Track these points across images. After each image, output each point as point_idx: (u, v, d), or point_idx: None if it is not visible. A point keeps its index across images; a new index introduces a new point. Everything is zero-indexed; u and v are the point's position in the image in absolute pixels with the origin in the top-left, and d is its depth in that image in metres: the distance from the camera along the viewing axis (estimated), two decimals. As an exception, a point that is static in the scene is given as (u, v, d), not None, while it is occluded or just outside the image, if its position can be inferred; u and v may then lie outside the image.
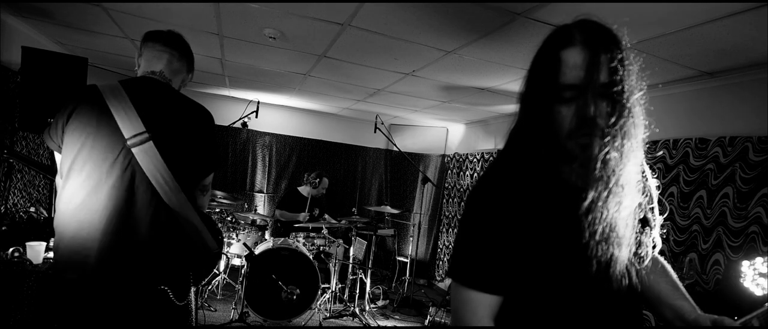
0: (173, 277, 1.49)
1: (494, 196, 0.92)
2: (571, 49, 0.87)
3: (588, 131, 0.84)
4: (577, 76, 0.85)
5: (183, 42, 1.65)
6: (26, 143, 3.80)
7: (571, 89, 0.86)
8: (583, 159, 0.86)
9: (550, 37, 0.93)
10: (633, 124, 0.87)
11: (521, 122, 0.96)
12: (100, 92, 1.43)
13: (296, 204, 4.88)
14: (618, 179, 0.86)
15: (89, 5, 2.90)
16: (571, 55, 0.86)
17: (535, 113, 0.91)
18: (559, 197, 0.89)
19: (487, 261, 0.90)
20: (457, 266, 0.94)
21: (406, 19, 2.55)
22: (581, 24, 0.91)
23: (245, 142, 6.24)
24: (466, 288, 0.90)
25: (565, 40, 0.88)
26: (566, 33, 0.90)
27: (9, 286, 2.38)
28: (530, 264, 0.88)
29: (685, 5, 2.00)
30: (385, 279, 5.72)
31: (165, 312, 1.48)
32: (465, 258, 0.93)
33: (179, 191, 1.45)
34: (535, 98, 0.91)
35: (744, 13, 1.99)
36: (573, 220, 0.87)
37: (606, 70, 0.85)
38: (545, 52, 0.92)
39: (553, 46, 0.90)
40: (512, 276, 0.89)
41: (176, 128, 1.48)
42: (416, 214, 6.53)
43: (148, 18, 3.01)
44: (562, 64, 0.87)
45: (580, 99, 0.85)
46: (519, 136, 0.97)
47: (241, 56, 3.83)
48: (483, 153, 5.49)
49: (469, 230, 0.93)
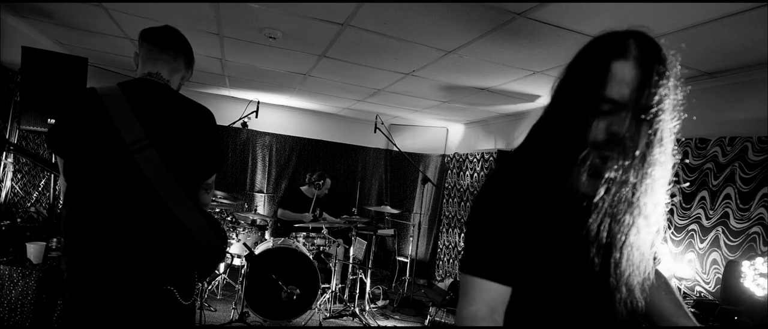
0: (179, 277, 1.49)
1: (504, 189, 0.91)
2: (624, 63, 0.82)
3: (614, 148, 0.82)
4: (621, 93, 0.81)
5: (178, 39, 1.61)
6: (26, 143, 3.80)
7: (611, 104, 0.82)
8: (600, 171, 0.84)
9: (602, 42, 0.87)
10: (662, 152, 0.85)
11: (548, 121, 0.93)
12: (99, 97, 1.42)
13: (300, 204, 4.88)
14: (635, 206, 0.84)
15: (89, 5, 2.90)
16: (621, 69, 0.82)
17: (566, 116, 0.87)
18: (569, 201, 0.87)
19: (490, 249, 0.89)
20: (464, 256, 0.93)
21: (406, 19, 2.55)
22: (639, 38, 0.84)
23: (245, 142, 6.25)
24: (469, 275, 0.90)
25: (619, 50, 0.83)
26: (621, 43, 0.84)
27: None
28: (534, 258, 0.88)
29: (685, 5, 2.00)
30: (385, 279, 5.72)
31: (172, 312, 1.48)
32: (471, 247, 0.92)
33: (182, 193, 1.45)
34: (571, 101, 0.87)
35: (744, 13, 1.99)
36: (580, 227, 0.86)
37: (651, 94, 0.81)
38: (594, 56, 0.86)
39: (604, 54, 0.85)
40: (516, 267, 0.88)
41: (177, 131, 1.48)
42: (416, 214, 6.53)
43: (148, 18, 3.01)
44: (609, 76, 0.82)
45: (616, 115, 0.82)
46: (543, 134, 0.94)
47: (241, 56, 3.83)
48: (483, 153, 5.49)
49: (476, 222, 0.93)
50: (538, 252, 0.87)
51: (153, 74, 1.55)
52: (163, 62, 1.56)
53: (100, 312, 1.42)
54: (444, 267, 6.06)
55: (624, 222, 0.86)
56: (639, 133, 0.83)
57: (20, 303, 2.41)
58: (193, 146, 1.50)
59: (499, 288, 0.88)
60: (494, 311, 0.87)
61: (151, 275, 1.43)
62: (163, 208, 1.42)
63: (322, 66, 3.83)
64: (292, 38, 3.15)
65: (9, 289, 2.40)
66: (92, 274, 1.40)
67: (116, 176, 1.41)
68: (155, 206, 1.42)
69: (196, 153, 1.51)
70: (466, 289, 0.89)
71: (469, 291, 0.89)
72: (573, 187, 0.87)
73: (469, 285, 0.89)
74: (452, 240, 5.92)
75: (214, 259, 1.59)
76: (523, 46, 2.76)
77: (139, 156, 1.39)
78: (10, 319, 2.39)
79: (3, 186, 3.23)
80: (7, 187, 3.30)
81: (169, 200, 1.42)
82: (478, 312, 0.86)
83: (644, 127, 0.83)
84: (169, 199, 1.42)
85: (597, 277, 0.87)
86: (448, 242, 6.02)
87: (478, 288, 0.88)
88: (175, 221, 1.44)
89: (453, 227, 5.95)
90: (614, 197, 0.84)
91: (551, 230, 0.86)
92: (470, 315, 0.87)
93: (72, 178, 1.44)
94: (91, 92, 1.45)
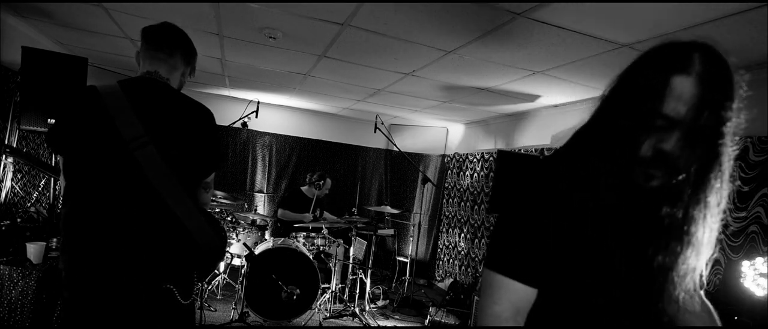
0: (178, 276, 1.49)
1: (542, 190, 0.88)
2: (685, 79, 0.76)
3: (660, 166, 0.78)
4: (677, 111, 0.76)
5: (174, 37, 1.60)
6: (26, 143, 3.80)
7: (664, 120, 0.77)
8: (644, 189, 0.80)
9: (663, 52, 0.81)
10: (718, 178, 0.80)
11: (595, 130, 0.88)
12: (99, 95, 1.43)
13: (300, 205, 4.87)
14: (682, 231, 0.81)
15: (89, 5, 2.90)
16: (681, 85, 0.76)
17: (615, 127, 0.83)
18: (608, 214, 0.84)
19: (521, 248, 0.87)
20: (489, 252, 0.91)
21: (405, 19, 2.55)
22: (705, 52, 0.78)
23: (245, 142, 6.25)
24: (493, 272, 0.88)
25: (682, 64, 0.77)
26: (685, 56, 0.78)
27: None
28: (565, 265, 0.85)
29: (685, 5, 2.00)
30: (385, 279, 5.72)
31: (171, 311, 1.48)
32: (499, 243, 0.90)
33: (182, 191, 1.45)
34: (622, 113, 0.82)
35: (744, 13, 1.99)
36: (618, 242, 0.83)
37: (712, 115, 0.76)
38: (653, 68, 0.80)
39: (665, 66, 0.79)
40: (545, 270, 0.86)
41: (176, 129, 1.48)
42: (416, 214, 6.53)
43: (148, 18, 3.01)
44: (667, 90, 0.77)
45: (667, 133, 0.77)
46: (588, 142, 0.89)
47: (241, 56, 3.83)
48: (483, 153, 5.49)
49: (509, 218, 0.90)
50: (571, 259, 0.85)
51: (152, 73, 1.55)
52: (160, 61, 1.56)
53: (99, 311, 1.42)
54: (444, 267, 6.06)
55: (669, 248, 0.82)
56: (692, 155, 0.78)
57: (20, 303, 2.41)
58: (192, 144, 1.50)
59: (526, 289, 0.86)
60: (518, 312, 0.86)
61: (151, 273, 1.43)
62: (162, 206, 1.42)
63: (322, 66, 3.83)
64: (292, 38, 3.15)
65: (9, 289, 2.40)
66: (91, 273, 1.40)
67: (116, 174, 1.41)
68: (155, 204, 1.42)
69: (196, 151, 1.51)
70: (492, 287, 0.88)
71: (495, 290, 0.87)
72: (613, 200, 0.83)
73: (495, 284, 0.87)
74: (452, 240, 5.92)
75: (214, 258, 1.59)
76: (523, 46, 2.76)
77: (138, 154, 1.39)
78: (10, 319, 2.39)
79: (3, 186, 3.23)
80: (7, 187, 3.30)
81: (169, 198, 1.42)
82: (503, 313, 0.85)
83: (699, 149, 0.77)
84: (169, 197, 1.42)
85: (631, 296, 0.84)
86: (448, 242, 6.02)
87: (505, 288, 0.86)
88: (175, 219, 1.44)
89: (453, 227, 5.95)
90: (660, 219, 0.80)
91: (587, 239, 0.84)
92: (495, 314, 0.86)
93: (72, 176, 1.44)
94: (91, 89, 1.46)
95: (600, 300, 0.84)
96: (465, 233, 5.62)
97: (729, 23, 2.11)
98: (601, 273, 0.83)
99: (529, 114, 4.79)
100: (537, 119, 4.67)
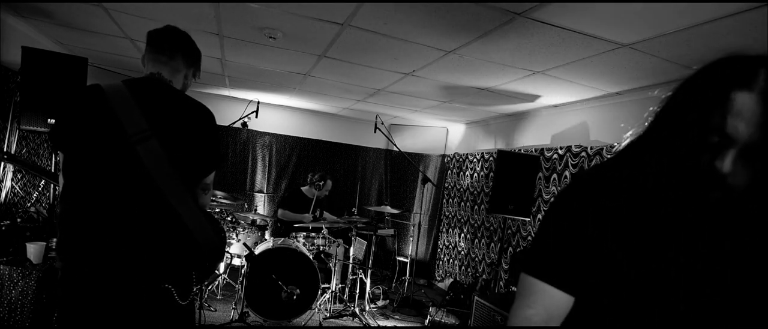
0: (177, 276, 1.49)
1: (591, 197, 0.86)
2: (748, 95, 0.71)
3: (714, 188, 0.75)
4: (736, 128, 0.72)
5: (175, 39, 1.62)
6: (26, 143, 3.80)
7: (722, 137, 0.73)
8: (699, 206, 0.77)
9: (726, 66, 0.77)
10: None
11: (650, 142, 0.84)
12: (103, 91, 1.44)
13: (300, 205, 4.87)
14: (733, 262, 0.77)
15: (89, 5, 2.90)
16: (742, 101, 0.71)
17: (669, 141, 0.79)
18: (655, 230, 0.81)
19: (562, 254, 0.85)
20: (531, 254, 0.89)
21: (405, 19, 2.55)
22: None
23: (245, 142, 6.25)
24: (532, 277, 0.86)
25: (745, 78, 0.73)
26: (749, 70, 0.73)
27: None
28: (606, 276, 0.83)
29: (685, 5, 2.00)
30: (385, 279, 5.72)
31: (169, 311, 1.48)
32: (541, 247, 0.89)
33: (183, 189, 1.45)
34: (678, 128, 0.78)
35: (744, 13, 1.99)
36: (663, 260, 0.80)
37: None
38: (714, 81, 0.76)
39: (726, 79, 0.74)
40: (584, 278, 0.84)
41: (178, 127, 1.48)
42: (416, 214, 6.53)
43: (148, 18, 3.01)
44: (727, 106, 0.72)
45: (724, 151, 0.73)
46: (641, 154, 0.85)
47: (241, 56, 3.83)
48: (483, 153, 5.49)
49: (553, 222, 0.89)
50: (612, 271, 0.82)
51: (155, 74, 1.58)
52: (162, 63, 1.59)
53: (95, 310, 1.41)
54: (444, 267, 6.06)
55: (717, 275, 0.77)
56: (747, 175, 0.74)
57: (20, 303, 2.41)
58: (193, 142, 1.51)
59: (563, 296, 0.85)
60: (551, 318, 0.85)
61: (150, 272, 1.43)
62: (163, 203, 1.42)
63: (322, 66, 3.83)
64: (292, 38, 3.15)
65: (9, 289, 2.40)
66: (88, 271, 1.39)
67: (117, 170, 1.41)
68: (156, 201, 1.42)
69: (197, 149, 1.52)
70: (527, 291, 0.86)
71: (530, 294, 0.86)
72: (661, 217, 0.80)
73: (531, 288, 0.86)
74: (452, 240, 5.92)
75: (214, 258, 1.59)
76: (523, 46, 2.76)
77: (140, 147, 1.39)
78: (10, 319, 2.39)
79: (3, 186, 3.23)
80: (7, 187, 3.31)
81: (171, 195, 1.42)
82: (534, 317, 0.84)
83: (757, 169, 0.73)
84: (171, 194, 1.42)
85: (675, 314, 0.81)
86: (448, 242, 6.02)
87: (541, 293, 0.85)
88: (176, 216, 1.44)
89: (453, 227, 5.95)
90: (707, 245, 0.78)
91: (630, 253, 0.81)
92: (525, 317, 0.84)
93: (72, 173, 1.44)
94: (95, 87, 1.47)
95: (639, 315, 0.82)
96: (465, 234, 5.62)
97: (729, 23, 2.11)
98: (642, 290, 0.81)
99: (529, 114, 4.79)
100: (537, 119, 4.68)
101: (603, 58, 2.77)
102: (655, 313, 0.81)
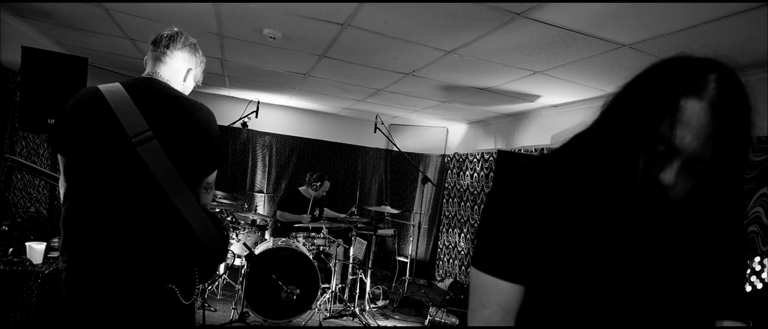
0: (181, 276, 1.49)
1: (528, 186, 0.86)
2: (696, 102, 0.69)
3: (654, 196, 0.74)
4: (683, 139, 0.69)
5: (174, 41, 1.63)
6: (26, 143, 3.80)
7: (666, 145, 0.71)
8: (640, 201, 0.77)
9: (675, 69, 0.74)
10: (720, 212, 0.77)
11: (591, 142, 0.84)
12: (102, 93, 1.44)
13: (298, 205, 4.87)
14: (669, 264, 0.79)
15: (89, 5, 2.90)
16: (692, 110, 0.69)
17: (612, 146, 0.78)
18: (595, 226, 0.81)
19: (505, 244, 0.85)
20: (475, 250, 0.89)
21: (405, 19, 2.55)
22: (722, 75, 0.71)
23: (245, 142, 6.25)
24: (481, 272, 0.86)
25: (694, 86, 0.70)
26: (699, 78, 0.71)
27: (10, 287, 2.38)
28: (553, 261, 0.83)
29: (685, 5, 2.00)
30: (385, 279, 5.72)
31: (173, 311, 1.48)
32: (482, 242, 0.88)
33: (185, 189, 1.45)
34: (621, 130, 0.76)
35: (744, 13, 1.99)
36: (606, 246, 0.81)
37: (722, 146, 0.69)
38: (661, 85, 0.73)
39: (674, 85, 0.71)
40: (530, 266, 0.84)
41: (178, 127, 1.49)
42: (416, 214, 6.53)
43: (148, 18, 3.01)
44: (677, 115, 0.69)
45: (665, 160, 0.72)
46: (582, 153, 0.86)
47: (241, 56, 3.83)
48: (483, 153, 5.49)
49: (493, 213, 0.88)
50: (558, 258, 0.83)
51: (152, 75, 1.59)
52: (161, 63, 1.60)
53: (99, 311, 1.42)
54: (444, 267, 6.06)
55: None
56: (688, 185, 0.74)
57: (20, 303, 2.41)
58: (194, 142, 1.51)
59: (513, 287, 0.85)
60: (508, 314, 0.85)
61: (154, 272, 1.43)
62: (166, 203, 1.42)
63: (322, 66, 3.83)
64: (292, 38, 3.15)
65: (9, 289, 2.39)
66: (94, 271, 1.40)
67: (119, 170, 1.41)
68: (158, 201, 1.42)
69: (197, 149, 1.52)
70: (479, 288, 0.86)
71: (483, 292, 0.86)
72: (598, 214, 0.81)
73: (482, 284, 0.86)
74: (452, 240, 5.92)
75: (217, 258, 1.59)
76: (523, 46, 2.76)
77: (141, 148, 1.40)
78: (10, 319, 2.39)
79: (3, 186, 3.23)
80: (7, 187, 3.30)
81: (173, 195, 1.43)
82: (493, 316, 0.84)
83: (702, 180, 0.73)
84: (173, 194, 1.42)
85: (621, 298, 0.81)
86: (448, 242, 6.02)
87: (493, 290, 0.85)
88: (179, 216, 1.44)
89: (453, 227, 5.95)
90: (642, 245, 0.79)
91: (573, 240, 0.82)
92: (484, 318, 0.84)
93: (74, 175, 1.44)
94: (94, 89, 1.47)
95: (586, 301, 0.82)
96: (465, 234, 5.62)
97: (729, 23, 2.11)
98: (588, 275, 0.81)
99: (529, 114, 4.79)
100: (537, 119, 4.68)
101: (603, 58, 2.77)
102: (597, 304, 0.81)
